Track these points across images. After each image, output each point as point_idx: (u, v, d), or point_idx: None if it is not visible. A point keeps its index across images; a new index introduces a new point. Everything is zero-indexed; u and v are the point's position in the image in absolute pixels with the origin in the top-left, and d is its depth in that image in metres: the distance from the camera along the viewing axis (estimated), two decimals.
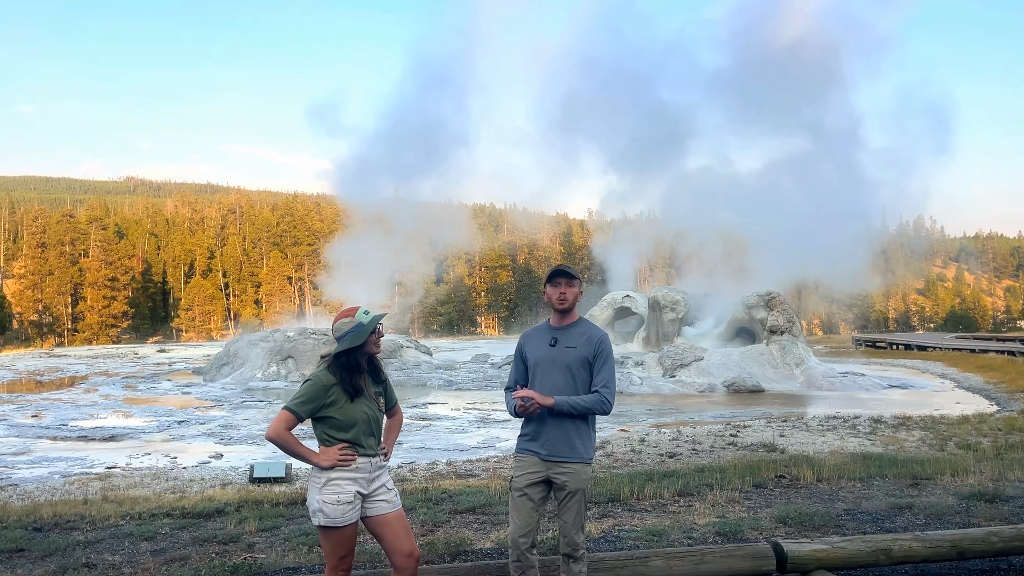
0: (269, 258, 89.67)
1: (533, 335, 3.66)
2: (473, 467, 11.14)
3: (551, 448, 3.46)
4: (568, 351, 3.49)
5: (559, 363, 3.48)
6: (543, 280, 3.67)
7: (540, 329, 3.67)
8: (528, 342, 3.64)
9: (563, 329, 3.56)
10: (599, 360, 3.50)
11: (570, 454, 3.46)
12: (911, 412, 17.25)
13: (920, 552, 4.10)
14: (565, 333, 3.55)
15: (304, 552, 4.87)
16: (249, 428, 17.16)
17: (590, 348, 3.49)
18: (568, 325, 3.57)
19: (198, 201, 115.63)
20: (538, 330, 3.68)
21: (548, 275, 3.61)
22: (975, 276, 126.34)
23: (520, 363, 3.63)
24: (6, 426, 17.80)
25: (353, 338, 3.24)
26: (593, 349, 3.49)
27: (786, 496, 6.50)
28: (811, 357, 29.23)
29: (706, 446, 12.60)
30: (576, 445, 3.47)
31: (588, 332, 3.56)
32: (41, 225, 77.10)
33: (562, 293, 3.52)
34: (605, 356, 3.52)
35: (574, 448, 3.47)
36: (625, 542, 4.98)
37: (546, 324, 3.66)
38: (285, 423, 3.14)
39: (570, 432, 3.46)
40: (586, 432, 3.52)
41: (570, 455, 3.46)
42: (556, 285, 3.53)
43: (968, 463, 8.18)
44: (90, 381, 31.04)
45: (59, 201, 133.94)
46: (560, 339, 3.53)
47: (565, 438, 3.45)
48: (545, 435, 3.48)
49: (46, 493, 9.80)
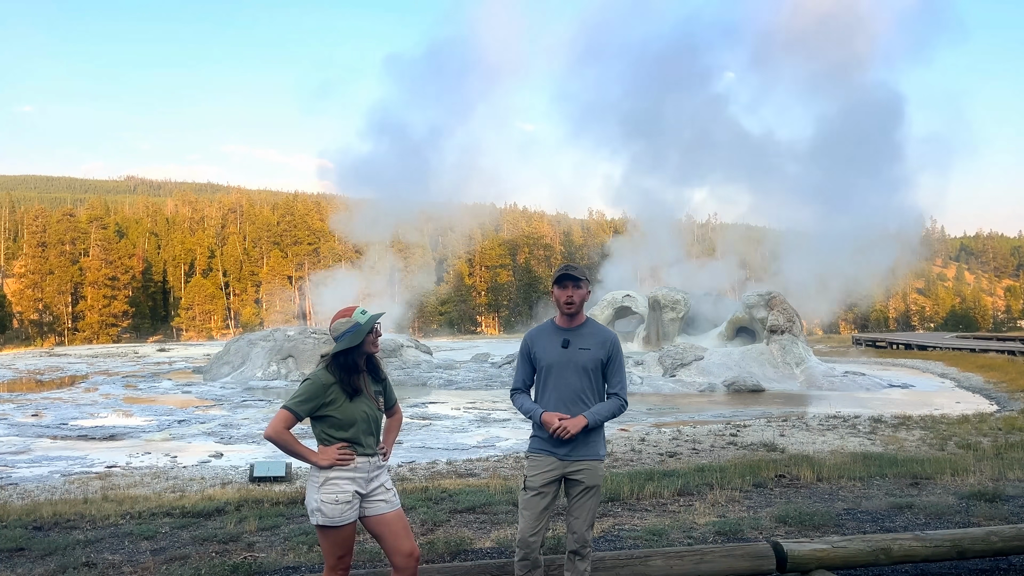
0: (269, 257, 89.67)
1: (541, 336, 3.60)
2: (473, 466, 11.14)
3: (570, 447, 3.45)
4: (582, 353, 3.48)
5: (574, 365, 3.47)
6: (544, 279, 3.66)
7: (547, 329, 3.62)
8: (537, 343, 3.58)
9: (573, 330, 3.54)
10: (613, 363, 3.52)
11: (587, 452, 3.47)
12: (911, 412, 17.25)
13: (920, 552, 4.10)
14: (576, 334, 3.52)
15: (304, 551, 4.86)
16: (249, 427, 17.16)
17: (604, 350, 3.50)
18: (578, 326, 3.55)
19: (198, 200, 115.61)
20: (545, 330, 3.62)
21: (555, 276, 3.55)
22: (975, 276, 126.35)
23: (527, 363, 3.60)
24: (6, 425, 17.80)
25: (351, 338, 3.23)
26: (607, 351, 3.51)
27: (786, 495, 6.50)
28: (811, 357, 29.22)
29: (706, 445, 12.60)
30: (592, 443, 3.49)
31: (600, 334, 3.56)
32: (41, 224, 77.12)
33: (569, 296, 3.49)
34: (619, 358, 3.55)
35: (590, 446, 3.48)
36: (625, 541, 4.98)
37: (552, 324, 3.62)
38: (284, 422, 3.14)
39: (588, 431, 3.46)
40: (601, 430, 3.56)
41: (587, 453, 3.47)
42: (564, 288, 3.50)
43: (968, 463, 8.18)
44: (90, 380, 31.05)
45: (59, 200, 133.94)
46: (572, 341, 3.50)
47: (583, 437, 3.45)
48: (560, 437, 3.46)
49: (46, 492, 9.80)
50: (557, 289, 3.52)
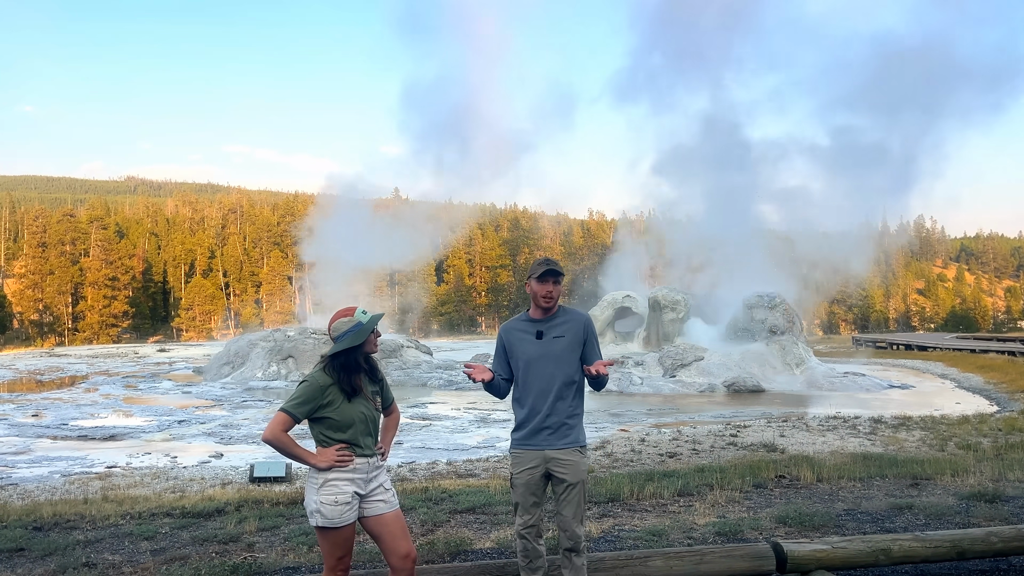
0: (270, 258, 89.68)
1: (515, 330, 3.63)
2: (473, 467, 11.14)
3: (547, 440, 3.49)
4: (556, 342, 3.53)
5: (550, 356, 3.52)
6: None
7: (520, 322, 3.64)
8: (511, 337, 3.62)
9: (545, 321, 3.58)
10: (590, 343, 3.61)
11: (567, 441, 3.51)
12: (911, 412, 17.25)
13: (920, 552, 4.10)
14: (548, 324, 3.57)
15: (304, 552, 4.86)
16: (249, 428, 17.16)
17: (580, 334, 3.57)
18: (550, 317, 3.59)
19: (199, 201, 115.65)
20: (519, 324, 3.65)
21: (536, 271, 3.52)
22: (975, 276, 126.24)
23: (503, 356, 3.64)
24: (6, 425, 17.80)
25: (353, 337, 3.23)
26: (583, 334, 3.58)
27: (786, 496, 6.50)
28: (811, 357, 29.23)
29: (706, 446, 12.59)
30: (571, 431, 3.52)
31: (571, 319, 3.61)
32: (42, 225, 77.15)
33: (549, 291, 3.52)
34: (593, 336, 3.65)
35: (570, 434, 3.52)
36: (625, 542, 4.98)
37: (526, 316, 3.64)
38: (281, 425, 3.14)
39: (565, 420, 3.51)
40: (579, 418, 3.60)
41: (567, 442, 3.51)
42: (544, 283, 3.51)
43: (968, 463, 8.17)
44: (90, 380, 31.06)
45: (60, 201, 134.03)
46: (545, 331, 3.55)
47: (560, 426, 3.50)
48: (540, 429, 3.51)
49: (46, 492, 9.80)
50: (536, 283, 3.53)
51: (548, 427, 3.49)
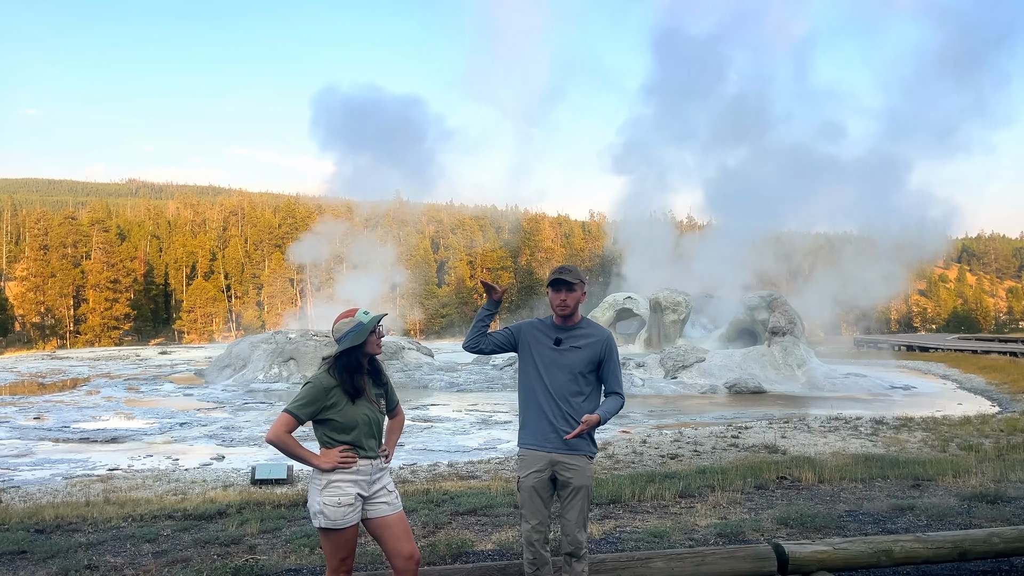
0: (271, 260, 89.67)
1: (535, 330, 3.61)
2: (475, 468, 11.15)
3: (556, 442, 3.46)
4: (573, 352, 3.50)
5: (563, 365, 3.49)
6: (544, 282, 3.66)
7: (543, 325, 3.62)
8: (529, 336, 3.60)
9: (567, 330, 3.56)
10: (608, 363, 3.55)
11: (577, 446, 3.48)
12: (913, 413, 17.24)
13: (921, 553, 4.10)
14: (569, 334, 3.54)
15: (306, 554, 4.87)
16: (251, 430, 17.17)
17: (597, 350, 3.52)
18: (572, 326, 3.57)
19: (200, 203, 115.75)
20: (541, 325, 3.63)
21: (549, 279, 3.56)
22: (977, 277, 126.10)
23: (509, 335, 3.64)
24: (8, 428, 17.82)
25: (354, 337, 3.24)
26: (601, 351, 3.53)
27: (787, 497, 6.50)
28: (813, 358, 29.19)
29: (707, 447, 12.59)
30: (582, 439, 3.49)
31: (593, 334, 3.57)
32: (43, 227, 77.21)
33: (563, 300, 3.50)
34: (613, 356, 3.58)
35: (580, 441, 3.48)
36: (626, 543, 4.98)
37: (550, 321, 3.62)
38: (285, 426, 3.14)
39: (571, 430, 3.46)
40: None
41: (577, 447, 3.48)
42: (557, 291, 3.51)
43: (970, 464, 8.16)
44: (92, 383, 31.08)
45: (61, 203, 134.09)
46: (564, 340, 3.53)
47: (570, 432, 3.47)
48: (547, 432, 3.48)
49: (48, 495, 9.82)
50: (551, 292, 3.54)
51: (555, 432, 3.47)
